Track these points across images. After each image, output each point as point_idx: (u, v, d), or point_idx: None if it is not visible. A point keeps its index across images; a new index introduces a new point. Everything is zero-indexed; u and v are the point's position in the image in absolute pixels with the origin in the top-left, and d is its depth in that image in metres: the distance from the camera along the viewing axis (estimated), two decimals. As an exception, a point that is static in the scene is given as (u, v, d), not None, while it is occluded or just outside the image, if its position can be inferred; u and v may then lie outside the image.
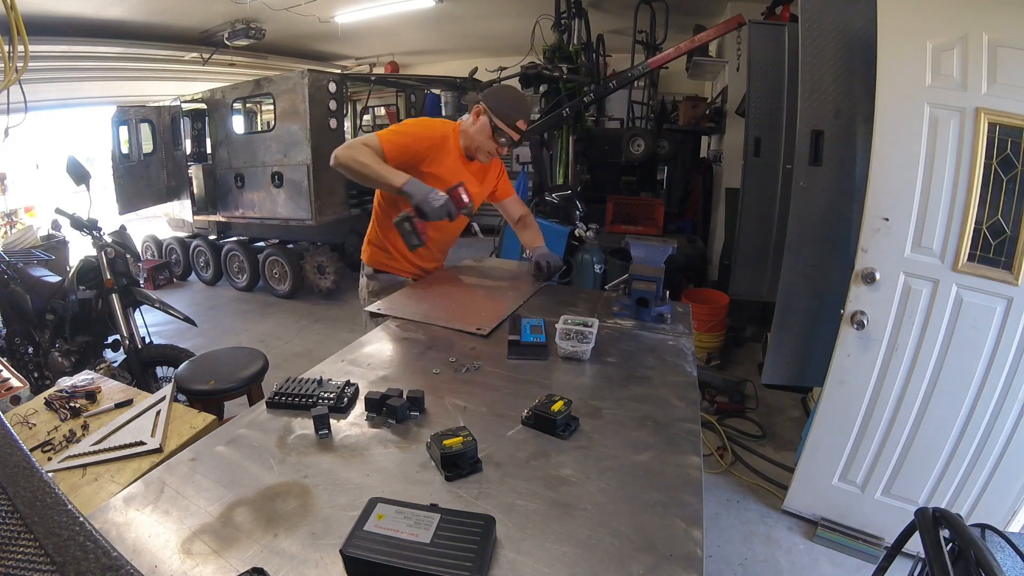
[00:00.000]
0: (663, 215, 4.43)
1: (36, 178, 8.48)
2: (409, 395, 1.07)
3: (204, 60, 6.21)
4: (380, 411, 1.06)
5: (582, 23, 4.63)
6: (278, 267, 5.44)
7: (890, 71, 1.76)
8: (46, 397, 1.62)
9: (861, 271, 1.88)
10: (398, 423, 1.04)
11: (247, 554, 0.72)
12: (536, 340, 1.35)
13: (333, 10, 5.48)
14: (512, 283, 1.93)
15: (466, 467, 0.88)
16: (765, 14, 3.84)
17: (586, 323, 1.35)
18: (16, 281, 3.09)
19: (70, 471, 1.28)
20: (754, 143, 3.07)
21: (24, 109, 2.66)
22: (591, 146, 4.73)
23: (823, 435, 2.10)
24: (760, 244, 3.13)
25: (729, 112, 4.48)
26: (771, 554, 2.10)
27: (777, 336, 2.39)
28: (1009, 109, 1.62)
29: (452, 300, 1.76)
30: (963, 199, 1.71)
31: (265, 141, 5.01)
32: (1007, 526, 1.83)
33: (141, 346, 2.69)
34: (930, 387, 1.86)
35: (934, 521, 0.93)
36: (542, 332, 1.38)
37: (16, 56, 2.27)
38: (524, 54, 4.48)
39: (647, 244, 1.68)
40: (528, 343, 1.34)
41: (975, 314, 1.75)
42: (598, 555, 0.73)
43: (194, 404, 1.81)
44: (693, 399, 1.15)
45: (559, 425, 0.99)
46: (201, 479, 0.87)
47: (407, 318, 1.56)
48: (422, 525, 0.71)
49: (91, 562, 0.40)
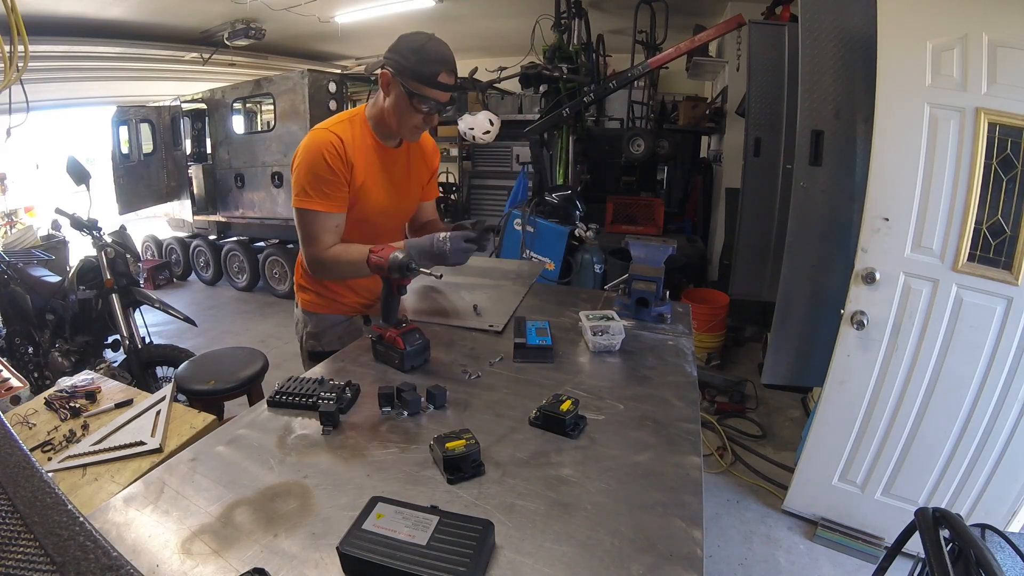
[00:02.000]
0: (663, 215, 4.43)
1: (36, 178, 8.49)
2: (431, 390, 1.09)
3: (204, 60, 6.20)
4: (393, 405, 1.07)
5: (582, 23, 4.62)
6: (278, 267, 5.45)
7: (890, 71, 1.76)
8: (46, 397, 1.62)
9: (861, 271, 1.88)
10: (410, 416, 1.06)
11: (247, 554, 0.72)
12: (542, 343, 1.33)
13: (333, 10, 5.47)
14: (513, 282, 1.93)
15: (468, 470, 0.88)
16: (765, 14, 3.83)
17: (608, 315, 1.37)
18: (16, 281, 3.09)
19: (70, 471, 1.28)
20: (754, 143, 3.06)
21: (25, 109, 2.66)
22: (591, 146, 4.73)
23: (823, 435, 2.10)
24: (760, 244, 3.12)
25: (729, 112, 4.48)
26: (771, 554, 2.10)
27: (777, 336, 2.39)
28: (1009, 109, 1.62)
29: (456, 300, 1.76)
30: (963, 199, 1.71)
31: (265, 141, 5.01)
32: (1007, 526, 1.82)
33: (141, 346, 2.69)
34: (930, 387, 1.86)
35: (934, 521, 0.93)
36: (547, 334, 1.36)
37: (16, 56, 2.27)
38: (524, 54, 4.48)
39: (647, 244, 1.68)
40: (534, 346, 1.32)
41: (975, 314, 1.75)
42: (598, 555, 0.73)
43: (194, 404, 1.81)
44: (693, 399, 1.15)
45: (568, 425, 0.99)
46: (201, 479, 0.87)
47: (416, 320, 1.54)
48: (420, 527, 0.71)
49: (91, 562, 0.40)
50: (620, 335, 1.34)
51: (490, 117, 4.11)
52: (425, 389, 1.10)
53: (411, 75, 1.32)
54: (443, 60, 1.32)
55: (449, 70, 1.34)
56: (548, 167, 4.40)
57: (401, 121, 1.40)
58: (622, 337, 1.34)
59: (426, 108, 1.36)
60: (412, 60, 1.31)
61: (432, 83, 1.32)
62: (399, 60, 1.33)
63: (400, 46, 1.34)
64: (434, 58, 1.32)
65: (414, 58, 1.31)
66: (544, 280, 2.12)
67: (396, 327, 1.27)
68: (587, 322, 1.36)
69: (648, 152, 4.44)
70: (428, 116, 1.39)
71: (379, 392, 1.07)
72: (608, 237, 3.98)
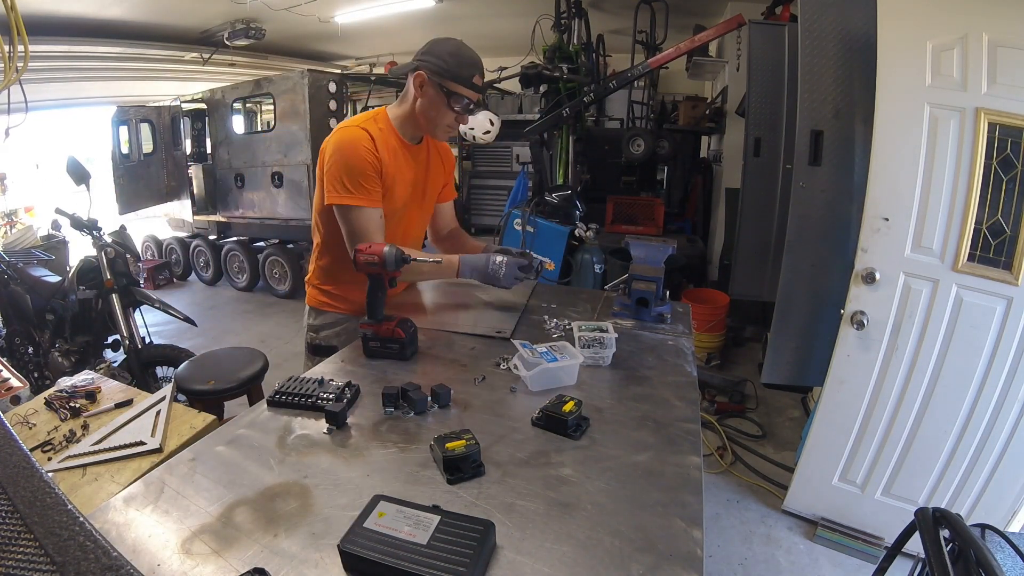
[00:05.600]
0: (663, 215, 4.43)
1: (36, 178, 8.49)
2: (434, 389, 1.09)
3: (204, 60, 6.21)
4: (398, 405, 1.06)
5: (582, 23, 4.63)
6: (278, 267, 5.45)
7: (890, 71, 1.76)
8: (46, 397, 1.62)
9: (861, 271, 1.88)
10: (417, 415, 1.06)
11: (247, 554, 0.72)
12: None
13: (333, 10, 5.47)
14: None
15: (468, 471, 0.88)
16: (765, 14, 3.84)
17: (601, 328, 1.33)
18: (16, 281, 3.09)
19: (70, 471, 1.28)
20: (754, 143, 3.06)
21: (25, 109, 2.66)
22: (591, 146, 4.73)
23: (823, 435, 2.10)
24: (760, 244, 3.12)
25: (729, 112, 4.48)
26: (771, 554, 2.10)
27: (777, 336, 2.39)
28: (1009, 109, 1.62)
29: (459, 304, 1.73)
30: (963, 199, 1.71)
31: (265, 141, 5.01)
32: (1007, 526, 1.83)
33: (141, 346, 2.69)
34: (930, 387, 1.86)
35: (934, 521, 0.93)
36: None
37: (16, 56, 2.27)
38: (524, 54, 4.49)
39: (647, 244, 1.68)
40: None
41: (975, 314, 1.75)
42: (598, 555, 0.73)
43: (194, 404, 1.81)
44: (693, 399, 1.15)
45: (570, 425, 0.99)
46: (201, 479, 0.87)
47: (422, 327, 1.50)
48: (421, 526, 0.71)
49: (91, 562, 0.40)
50: (610, 349, 1.29)
51: (490, 117, 4.11)
52: (430, 388, 1.09)
53: (450, 76, 1.41)
54: (477, 63, 1.44)
55: (480, 72, 1.45)
56: (548, 167, 4.41)
57: (435, 120, 1.48)
58: (612, 351, 1.29)
59: (459, 108, 1.45)
60: (450, 62, 1.41)
61: (468, 84, 1.42)
62: (436, 62, 1.41)
63: (436, 50, 1.43)
64: (471, 61, 1.43)
65: (452, 60, 1.41)
66: (544, 280, 2.12)
67: (387, 320, 1.28)
68: (578, 334, 1.32)
69: (648, 152, 4.44)
70: (460, 115, 1.48)
71: (383, 392, 1.07)
72: (608, 237, 3.98)
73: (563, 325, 1.51)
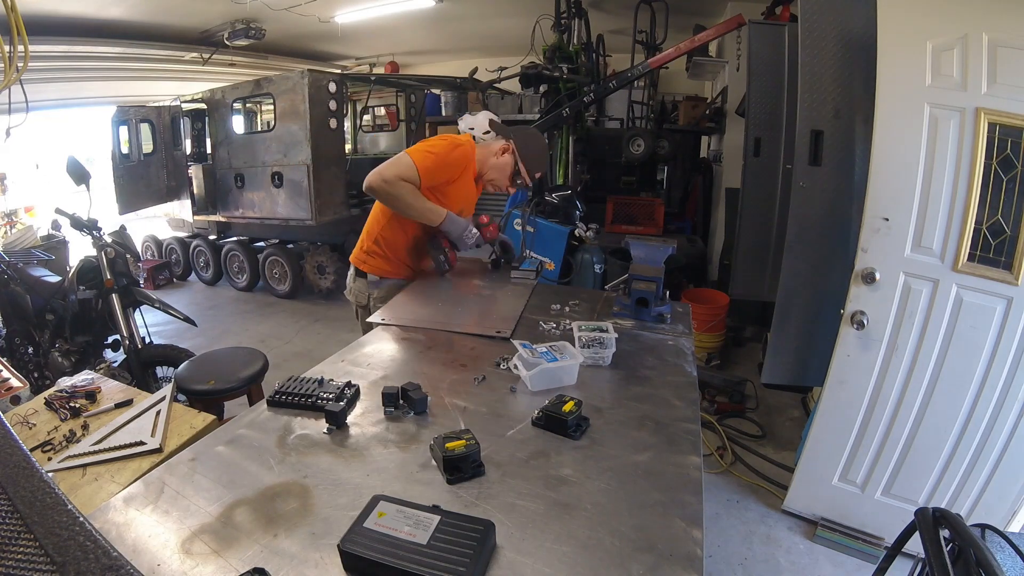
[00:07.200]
0: (663, 215, 4.43)
1: (36, 178, 8.48)
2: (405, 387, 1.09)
3: (204, 60, 6.20)
4: (397, 405, 1.06)
5: (582, 23, 4.63)
6: (278, 267, 5.45)
7: (890, 71, 1.76)
8: (46, 397, 1.62)
9: (861, 271, 1.88)
10: (417, 415, 1.06)
11: (247, 554, 0.72)
12: None
13: (333, 10, 5.47)
14: (515, 284, 1.93)
15: (468, 470, 0.88)
16: (765, 14, 3.83)
17: (601, 328, 1.33)
18: (16, 281, 3.09)
19: (70, 471, 1.28)
20: (754, 143, 3.06)
21: (25, 109, 2.66)
22: (591, 146, 4.73)
23: (823, 435, 2.10)
24: (760, 244, 3.12)
25: (729, 112, 4.48)
26: (771, 554, 2.10)
27: (777, 336, 2.39)
28: (1009, 109, 1.62)
29: (459, 304, 1.75)
30: (963, 199, 1.71)
31: (265, 141, 5.00)
32: (1007, 526, 1.82)
33: (141, 346, 2.69)
34: (930, 387, 1.86)
35: (934, 521, 0.93)
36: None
37: (16, 56, 2.27)
38: (524, 54, 4.48)
39: (647, 244, 1.68)
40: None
41: (975, 314, 1.75)
42: (598, 555, 0.73)
43: (194, 404, 1.81)
44: (693, 399, 1.15)
45: (570, 425, 0.99)
46: (201, 479, 0.87)
47: (422, 326, 1.53)
48: (421, 526, 0.71)
49: (91, 562, 0.40)
50: (610, 349, 1.30)
51: (490, 117, 4.10)
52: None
53: (526, 161, 1.90)
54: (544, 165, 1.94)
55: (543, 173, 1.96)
56: (548, 167, 4.40)
57: (497, 176, 1.95)
58: (612, 351, 1.30)
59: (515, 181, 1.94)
60: (532, 154, 1.91)
61: (531, 176, 1.93)
62: (525, 148, 1.90)
63: (529, 140, 1.94)
64: (543, 161, 1.98)
65: (534, 155, 1.92)
66: (544, 280, 2.13)
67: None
68: (578, 333, 1.33)
69: (648, 152, 4.44)
70: (509, 186, 1.97)
71: (383, 392, 1.07)
72: (608, 237, 3.98)
73: (563, 325, 1.52)
